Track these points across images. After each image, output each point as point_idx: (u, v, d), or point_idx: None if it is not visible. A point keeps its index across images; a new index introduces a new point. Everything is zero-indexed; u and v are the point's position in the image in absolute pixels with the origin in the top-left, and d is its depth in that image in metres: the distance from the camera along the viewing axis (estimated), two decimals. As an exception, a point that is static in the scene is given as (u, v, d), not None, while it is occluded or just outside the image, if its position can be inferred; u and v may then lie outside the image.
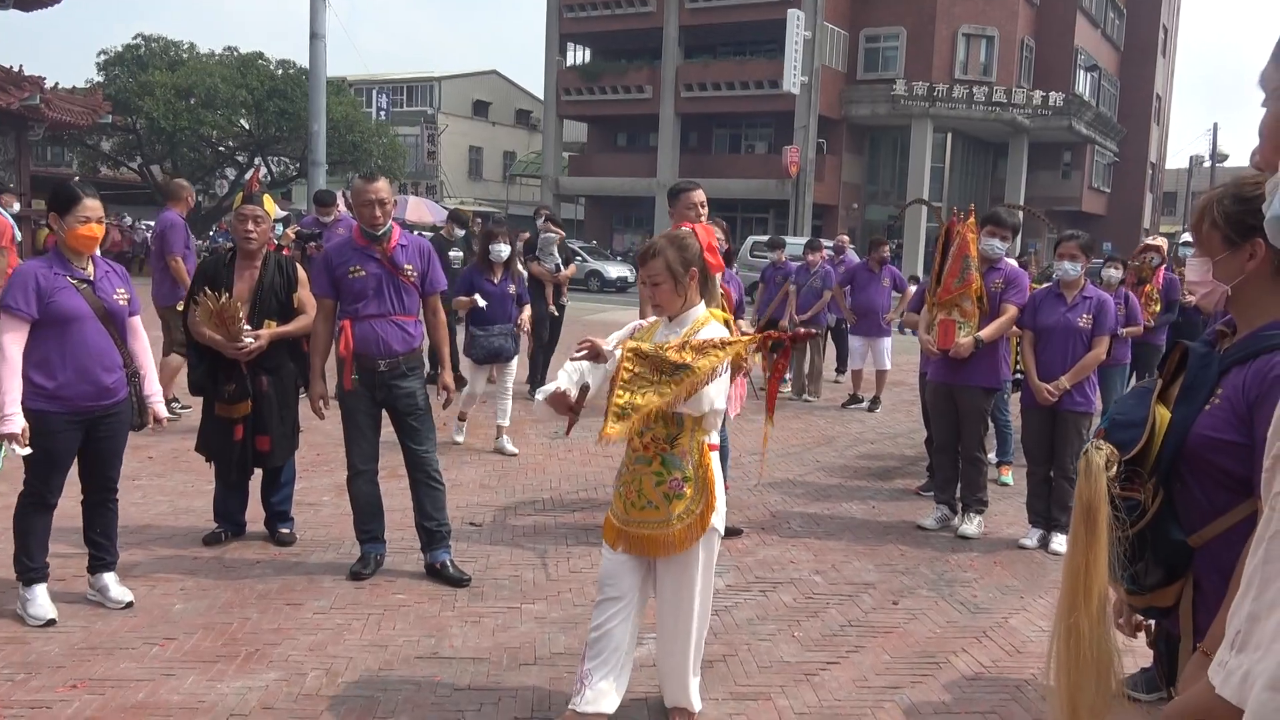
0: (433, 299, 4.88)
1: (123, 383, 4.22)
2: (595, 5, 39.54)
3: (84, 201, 4.08)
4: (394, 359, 4.65)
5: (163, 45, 34.22)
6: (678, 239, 3.35)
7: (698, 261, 3.30)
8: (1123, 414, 2.03)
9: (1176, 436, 1.91)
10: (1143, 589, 1.98)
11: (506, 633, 4.20)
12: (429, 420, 4.81)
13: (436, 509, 4.82)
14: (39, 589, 4.16)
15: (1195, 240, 2.01)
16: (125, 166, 36.25)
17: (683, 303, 3.29)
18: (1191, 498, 1.91)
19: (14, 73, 21.21)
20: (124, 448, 4.38)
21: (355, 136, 34.54)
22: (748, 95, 36.66)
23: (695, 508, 3.20)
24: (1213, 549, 1.88)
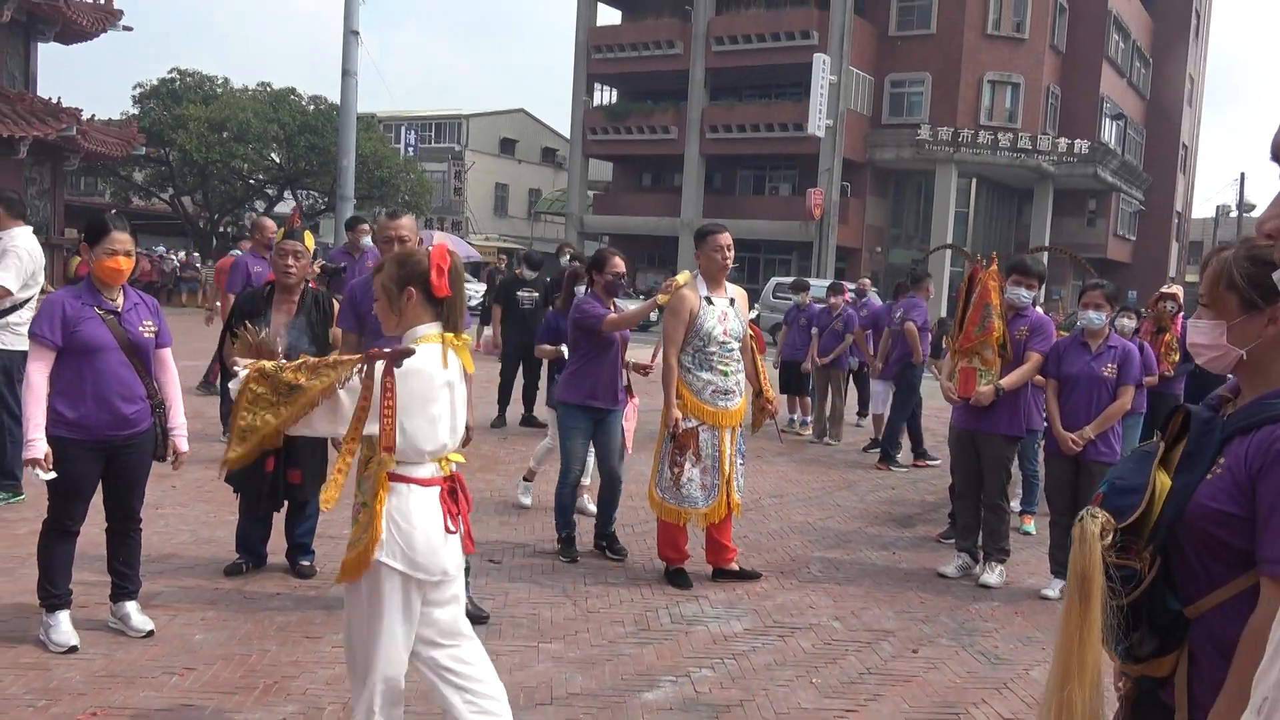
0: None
1: (145, 414, 4.27)
2: (623, 47, 40.03)
3: (113, 234, 4.15)
4: None
5: (197, 80, 34.85)
6: (401, 256, 3.20)
7: (418, 281, 3.08)
8: (1122, 479, 1.96)
9: (1175, 505, 1.85)
10: (1137, 659, 1.91)
11: (523, 671, 4.19)
12: None
13: None
14: (62, 615, 4.19)
15: (1208, 302, 1.94)
16: (157, 197, 36.81)
17: (397, 322, 3.12)
18: (1189, 568, 1.85)
19: (52, 104, 21.64)
20: (145, 478, 4.42)
21: (384, 172, 34.97)
22: (772, 137, 36.90)
23: (363, 536, 2.97)
24: (1209, 621, 1.82)
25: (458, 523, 3.10)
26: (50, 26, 23.00)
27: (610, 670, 4.26)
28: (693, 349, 5.33)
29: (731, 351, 5.39)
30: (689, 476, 5.32)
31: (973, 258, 6.14)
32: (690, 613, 5.06)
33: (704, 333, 5.30)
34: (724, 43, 37.40)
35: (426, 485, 3.03)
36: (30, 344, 4.08)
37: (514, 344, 10.37)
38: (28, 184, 21.33)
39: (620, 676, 4.21)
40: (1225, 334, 1.89)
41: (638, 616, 4.95)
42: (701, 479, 5.35)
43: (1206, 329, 1.92)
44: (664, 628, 4.83)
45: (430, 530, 3.01)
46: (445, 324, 3.12)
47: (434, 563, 3.01)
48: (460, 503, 3.13)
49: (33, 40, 23.19)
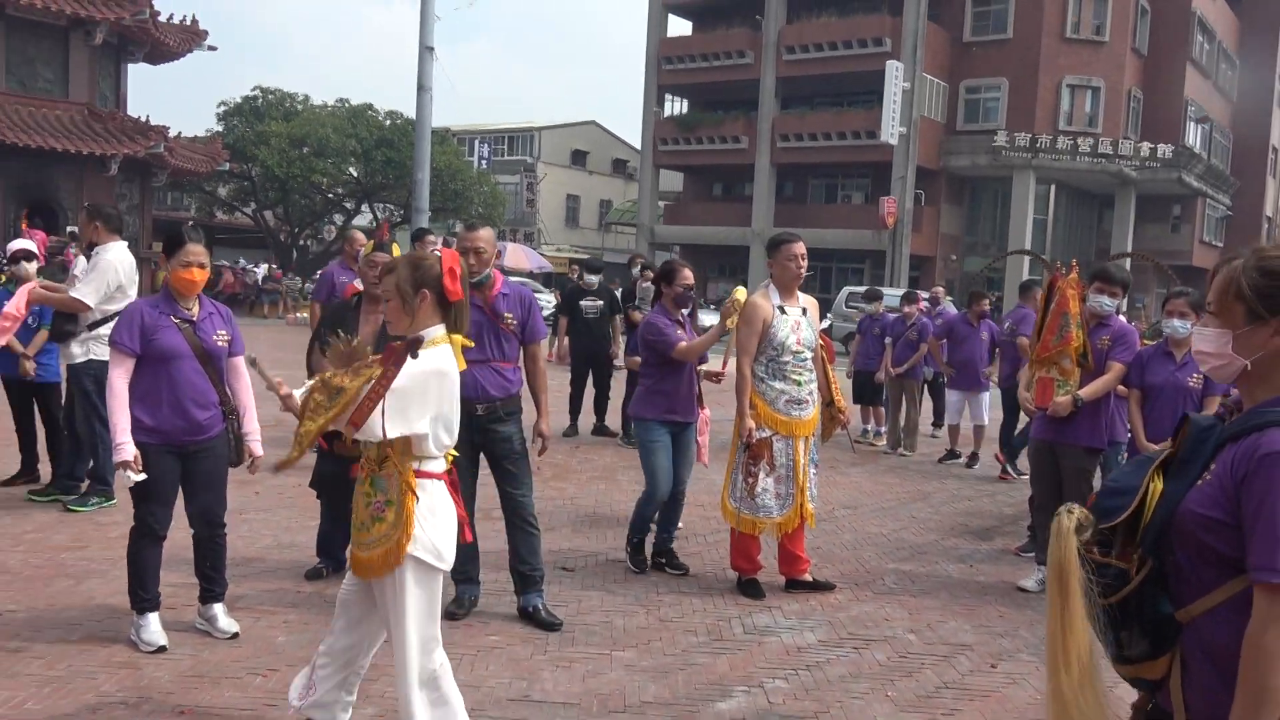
0: (533, 347, 4.95)
1: (217, 420, 4.42)
2: (694, 57, 40.08)
3: (188, 246, 4.32)
4: (491, 404, 4.74)
5: (279, 97, 35.80)
6: (414, 260, 3.33)
7: (431, 284, 3.23)
8: (1115, 481, 2.00)
9: (1165, 510, 1.88)
10: (1127, 659, 1.94)
11: (597, 679, 4.22)
12: (525, 465, 4.88)
13: (531, 553, 4.88)
14: (152, 617, 4.32)
15: (1215, 310, 1.94)
16: (240, 212, 37.87)
17: (410, 323, 3.24)
18: (1181, 573, 1.87)
19: (141, 122, 22.42)
20: (223, 482, 4.54)
21: (458, 185, 35.52)
22: (844, 145, 36.61)
23: (392, 534, 3.11)
24: (1199, 626, 1.84)
25: (463, 512, 3.31)
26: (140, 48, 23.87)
27: (683, 679, 4.26)
28: (766, 358, 5.32)
29: (805, 361, 5.36)
30: (763, 486, 5.30)
31: (1052, 265, 6.02)
32: (763, 623, 5.03)
33: (777, 342, 5.28)
34: (795, 51, 37.23)
35: (439, 479, 3.22)
36: (111, 351, 4.27)
37: (581, 353, 10.43)
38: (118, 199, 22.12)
39: (693, 686, 4.20)
40: (1230, 343, 1.89)
41: (710, 626, 4.94)
42: (775, 488, 5.33)
43: (1212, 337, 1.93)
44: (737, 638, 4.81)
45: (450, 522, 3.22)
46: (451, 326, 3.27)
47: (452, 553, 3.23)
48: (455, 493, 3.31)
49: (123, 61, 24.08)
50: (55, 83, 21.79)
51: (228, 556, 4.64)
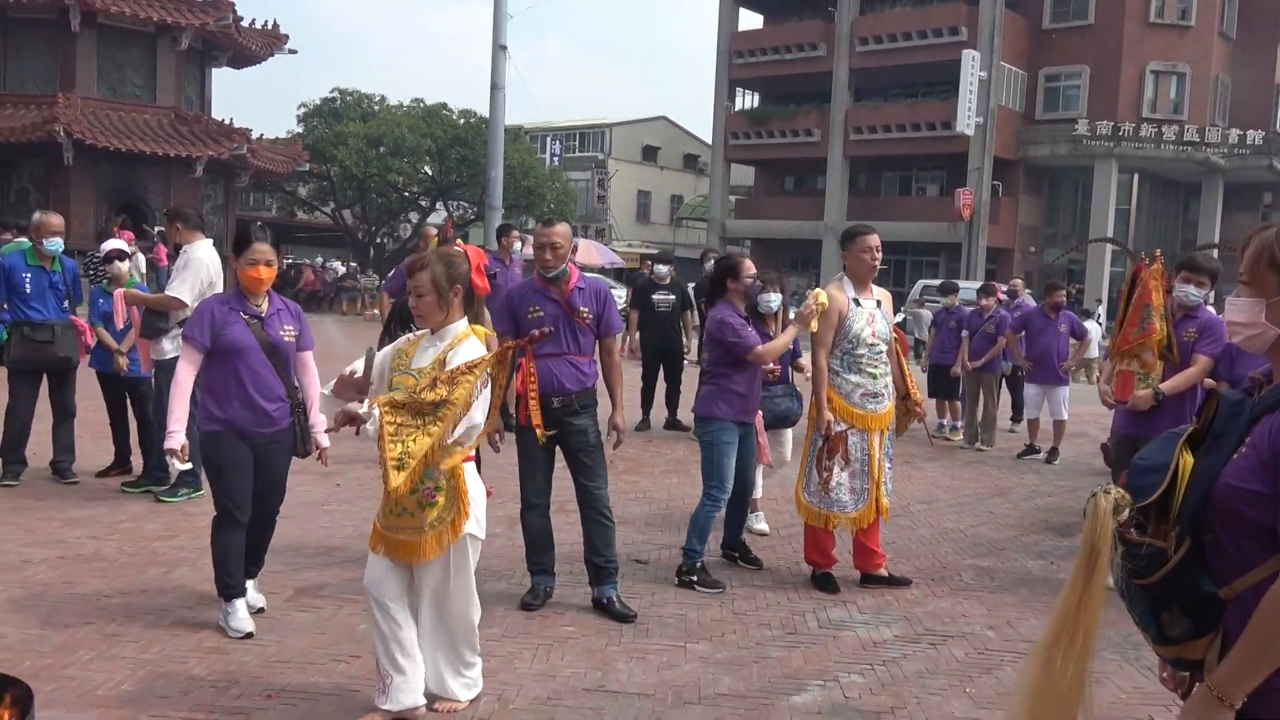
0: (608, 340, 4.99)
1: (284, 413, 4.54)
2: (765, 50, 39.85)
3: (255, 245, 4.47)
4: (567, 396, 4.79)
5: (356, 98, 36.46)
6: (447, 257, 3.59)
7: (463, 280, 3.54)
8: (1145, 459, 1.98)
9: (1201, 485, 1.86)
10: (1169, 640, 1.91)
11: (671, 670, 4.23)
12: (600, 457, 4.92)
13: (605, 545, 4.92)
14: (239, 603, 4.44)
15: (1248, 280, 1.92)
16: (319, 211, 38.66)
17: (444, 318, 3.53)
18: (1222, 550, 1.84)
19: (225, 125, 23.05)
20: (285, 477, 4.67)
21: (530, 182, 35.80)
22: (919, 137, 36.06)
23: (447, 515, 3.40)
24: (1245, 602, 1.79)
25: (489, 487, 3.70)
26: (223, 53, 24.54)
27: (757, 672, 4.26)
28: (841, 351, 5.28)
29: (880, 354, 5.31)
30: (838, 480, 5.26)
31: (1136, 255, 5.87)
32: (838, 618, 5.00)
33: (852, 335, 5.23)
34: (868, 42, 36.78)
35: (470, 461, 3.55)
36: (182, 344, 4.49)
37: (653, 347, 10.45)
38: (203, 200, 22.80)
39: (768, 679, 4.20)
40: (1264, 312, 1.88)
41: (784, 620, 4.92)
42: (850, 483, 5.29)
43: (1245, 307, 1.91)
44: (811, 632, 4.79)
45: (483, 498, 3.61)
46: (472, 319, 3.59)
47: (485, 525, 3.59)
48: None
49: (208, 66, 24.79)
50: (144, 88, 22.52)
51: (310, 546, 4.77)
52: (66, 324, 6.98)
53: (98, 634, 4.32)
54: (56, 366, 6.98)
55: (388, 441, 3.19)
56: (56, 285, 6.93)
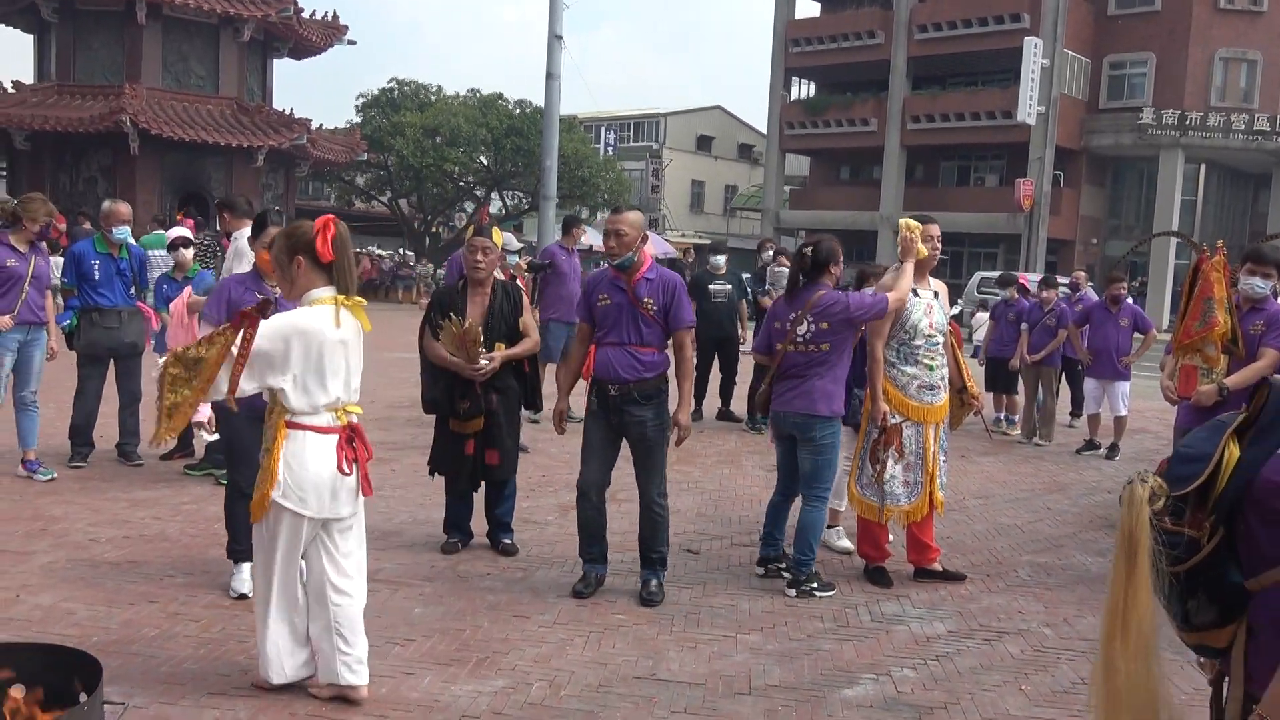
0: (679, 334, 4.91)
1: None
2: (822, 39, 39.47)
3: (269, 229, 4.69)
4: (623, 385, 4.79)
5: (414, 88, 36.78)
6: (289, 230, 3.60)
7: (305, 249, 3.47)
8: (1190, 447, 1.95)
9: (1242, 477, 1.83)
10: (1194, 627, 1.92)
11: (722, 660, 4.24)
12: (658, 450, 4.91)
13: (652, 535, 4.94)
14: (244, 566, 4.64)
15: None
16: (376, 200, 39.12)
17: (292, 287, 3.53)
18: (1254, 541, 1.82)
19: (285, 115, 23.40)
20: None
21: (584, 171, 35.85)
22: (978, 126, 35.50)
23: (264, 480, 3.42)
24: (1270, 596, 1.80)
25: (352, 467, 3.54)
26: (284, 43, 24.89)
27: (809, 664, 4.25)
28: (897, 342, 5.22)
29: (936, 345, 5.25)
30: (891, 473, 5.21)
31: (1199, 247, 5.72)
32: (891, 611, 4.96)
33: (909, 325, 5.18)
34: (927, 30, 36.25)
35: (324, 433, 3.47)
36: (202, 323, 4.73)
37: (708, 337, 10.43)
38: (264, 189, 23.17)
39: (819, 671, 4.18)
40: None
41: (836, 613, 4.90)
42: (904, 475, 5.24)
43: None
44: (864, 625, 4.76)
45: (323, 473, 3.44)
46: (338, 287, 3.52)
47: (324, 502, 3.46)
48: (359, 449, 3.58)
49: (269, 57, 25.17)
50: (207, 79, 22.93)
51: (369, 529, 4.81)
52: (133, 310, 7.16)
53: (161, 612, 4.43)
54: (123, 352, 7.16)
55: (165, 389, 3.32)
56: (124, 272, 7.09)
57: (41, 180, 20.78)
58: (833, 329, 5.03)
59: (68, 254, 7.15)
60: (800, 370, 5.11)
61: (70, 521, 5.68)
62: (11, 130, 21.03)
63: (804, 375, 5.09)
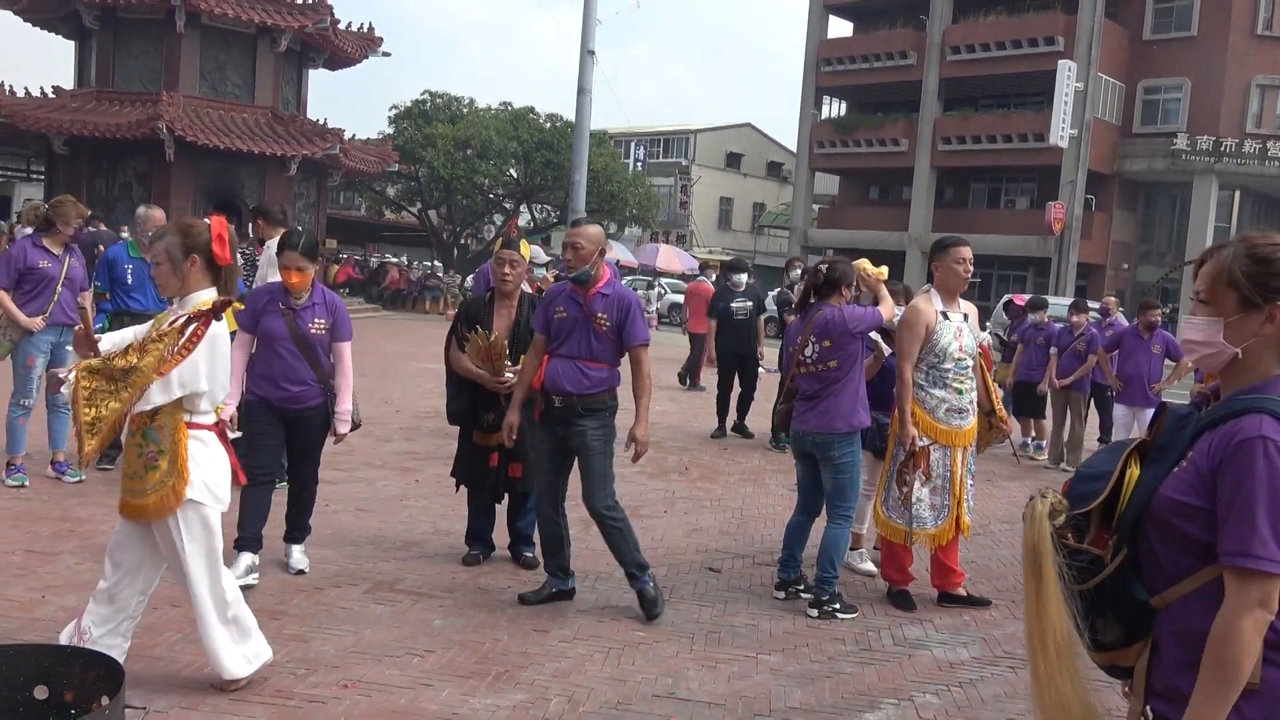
0: (633, 351, 4.86)
1: (310, 394, 4.95)
2: (854, 59, 39.43)
3: (285, 253, 4.91)
4: (566, 397, 4.78)
5: (446, 101, 37.02)
6: (184, 226, 3.63)
7: (201, 250, 3.55)
8: (1089, 467, 2.02)
9: (1142, 496, 1.90)
10: (1102, 646, 1.96)
11: (742, 681, 4.20)
12: (601, 462, 4.83)
13: (615, 547, 4.88)
14: (245, 556, 4.87)
15: (1206, 298, 1.94)
16: (407, 211, 39.36)
17: (181, 286, 3.57)
18: (1155, 559, 1.89)
19: (319, 125, 23.60)
20: (317, 448, 5.13)
21: (613, 186, 35.92)
22: (1010, 149, 35.30)
23: (168, 480, 3.46)
24: (1173, 612, 1.86)
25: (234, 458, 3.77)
26: (320, 54, 25.14)
27: (830, 687, 4.21)
28: (926, 365, 5.17)
29: (966, 369, 5.20)
30: (918, 496, 5.16)
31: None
32: (913, 635, 4.91)
33: (939, 348, 5.13)
34: (960, 52, 36.15)
35: (213, 430, 3.63)
36: None
37: (729, 353, 10.40)
38: (296, 198, 23.36)
39: (840, 695, 4.14)
40: (1222, 331, 1.90)
41: (859, 635, 4.85)
42: (931, 499, 5.19)
43: (1203, 325, 1.93)
44: (886, 649, 4.71)
45: (223, 467, 3.64)
46: (221, 289, 3.60)
47: (226, 494, 3.64)
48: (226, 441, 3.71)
49: (304, 67, 25.41)
50: (243, 88, 23.17)
51: (389, 540, 4.86)
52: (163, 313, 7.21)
53: (183, 617, 4.42)
54: (153, 355, 7.22)
55: (82, 405, 3.32)
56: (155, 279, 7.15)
57: (78, 184, 21.05)
58: (836, 345, 5.04)
59: (101, 258, 7.23)
60: (815, 391, 5.14)
61: (97, 524, 5.72)
62: (51, 135, 21.31)
63: (819, 395, 5.12)
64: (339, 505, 6.50)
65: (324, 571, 5.18)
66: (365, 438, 8.83)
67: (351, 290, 29.78)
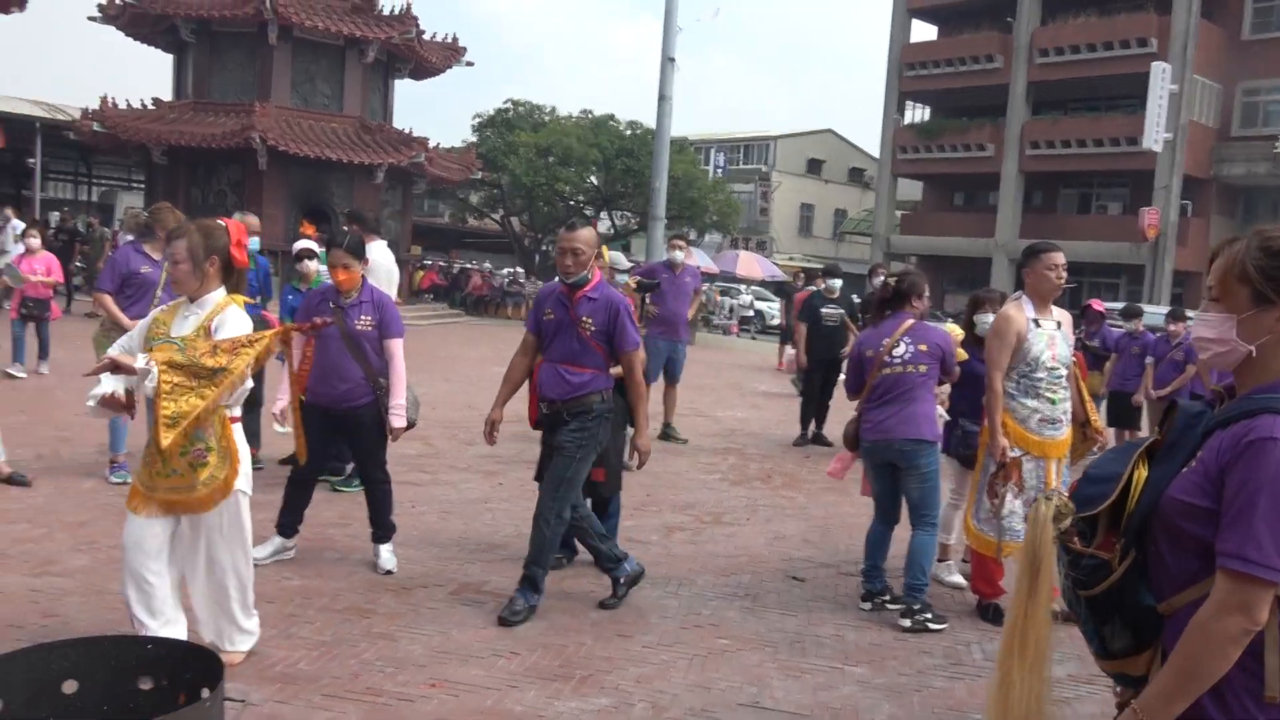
0: (624, 357, 4.80)
1: (360, 392, 5.13)
2: (938, 63, 38.84)
3: (332, 251, 5.18)
4: (551, 403, 4.77)
5: (528, 109, 37.46)
6: (205, 227, 3.71)
7: (221, 251, 3.66)
8: (1097, 469, 1.95)
9: (1150, 497, 1.83)
10: (1110, 654, 1.90)
11: (828, 692, 4.14)
12: (570, 467, 4.76)
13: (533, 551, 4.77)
14: (277, 539, 5.24)
15: (1218, 295, 1.86)
16: (489, 218, 39.89)
17: (199, 286, 3.66)
18: (1163, 563, 1.82)
19: (405, 134, 24.07)
20: (377, 447, 5.27)
21: (693, 193, 35.89)
22: (1101, 153, 34.40)
23: (220, 473, 3.60)
24: (1182, 619, 1.77)
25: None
26: (406, 65, 25.64)
27: (919, 701, 4.12)
28: (1018, 374, 5.04)
29: (1060, 378, 5.06)
30: (1010, 508, 5.03)
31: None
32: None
33: (1031, 357, 5.00)
34: (1049, 54, 35.35)
35: (239, 423, 3.75)
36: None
37: (818, 359, 10.28)
38: (383, 205, 23.83)
39: (930, 709, 4.06)
40: (1235, 328, 1.82)
41: (947, 649, 4.75)
42: (1024, 511, 5.05)
43: (1215, 323, 1.85)
44: (976, 664, 4.60)
45: (249, 457, 3.80)
46: (229, 288, 3.74)
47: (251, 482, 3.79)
48: None
49: (391, 77, 25.94)
50: (332, 98, 23.74)
51: (472, 543, 4.91)
52: (258, 319, 7.39)
53: (278, 613, 4.54)
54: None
55: (163, 399, 3.37)
56: (251, 282, 7.34)
57: (176, 193, 21.77)
58: (930, 353, 5.13)
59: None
60: (897, 394, 5.10)
61: (194, 520, 5.89)
62: (150, 145, 22.10)
63: (902, 399, 5.08)
64: (425, 507, 6.59)
65: (411, 572, 5.25)
66: (449, 441, 8.96)
67: (435, 296, 30.27)
